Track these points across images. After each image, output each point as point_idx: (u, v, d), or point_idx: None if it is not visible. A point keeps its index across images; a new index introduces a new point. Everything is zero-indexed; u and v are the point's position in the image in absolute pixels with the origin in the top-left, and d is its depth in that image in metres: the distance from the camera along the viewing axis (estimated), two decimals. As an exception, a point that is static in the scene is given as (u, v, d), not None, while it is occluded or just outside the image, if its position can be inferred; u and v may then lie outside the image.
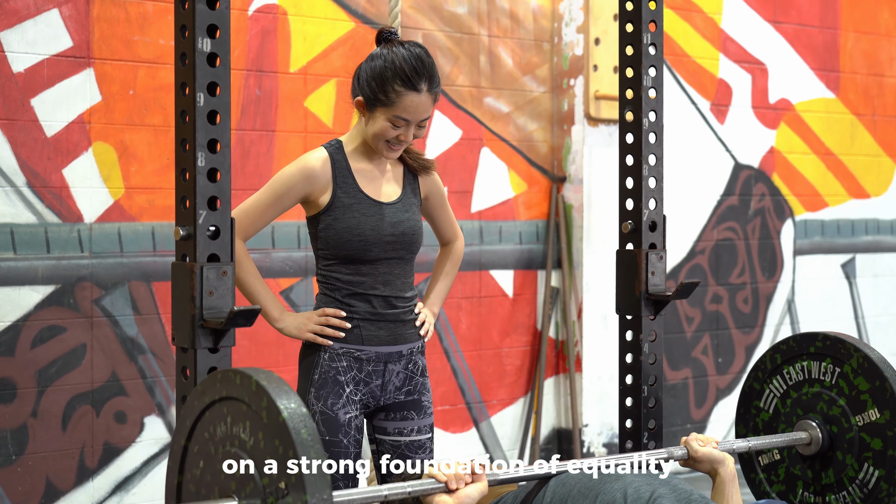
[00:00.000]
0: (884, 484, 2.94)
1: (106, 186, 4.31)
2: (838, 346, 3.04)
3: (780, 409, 3.15)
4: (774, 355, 3.17)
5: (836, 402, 3.04)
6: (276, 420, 2.02)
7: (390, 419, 3.07)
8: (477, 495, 2.47)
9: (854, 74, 6.42)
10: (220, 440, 2.16)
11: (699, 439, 2.88)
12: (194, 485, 2.21)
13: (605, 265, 5.38)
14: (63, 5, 4.21)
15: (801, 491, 3.11)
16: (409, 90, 2.90)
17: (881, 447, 2.95)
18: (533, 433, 5.38)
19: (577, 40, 5.39)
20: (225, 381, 2.15)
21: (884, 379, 2.96)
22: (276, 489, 2.02)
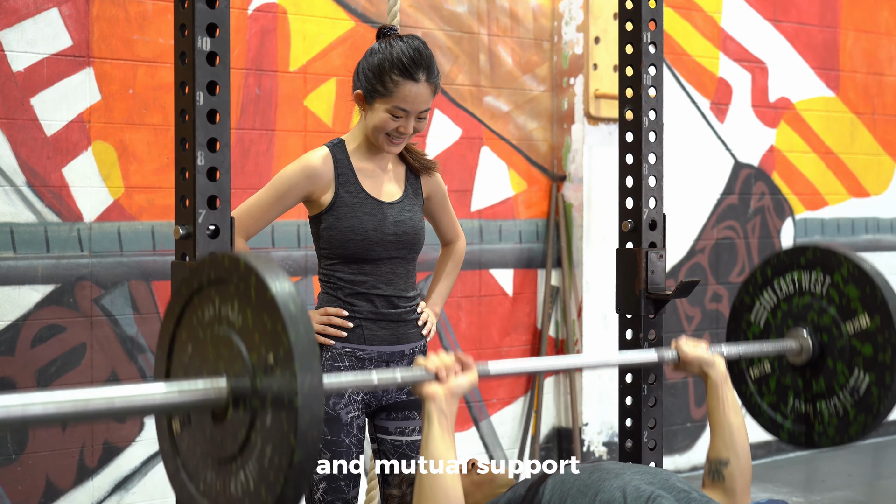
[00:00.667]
0: (874, 388, 2.94)
1: (105, 186, 4.31)
2: (829, 256, 3.04)
3: (771, 322, 3.14)
4: (765, 269, 3.16)
5: (826, 310, 3.04)
6: (264, 296, 2.00)
7: (392, 419, 3.07)
8: (467, 385, 2.47)
9: (854, 73, 6.42)
10: (209, 322, 2.13)
11: (689, 342, 2.90)
12: (183, 369, 2.19)
13: (604, 264, 5.37)
14: (62, 4, 4.20)
15: (791, 401, 3.11)
16: (407, 80, 2.91)
17: (871, 353, 2.96)
18: (533, 432, 5.38)
19: (577, 39, 5.39)
20: (213, 264, 2.13)
21: (874, 285, 2.96)
22: (265, 365, 2.00)
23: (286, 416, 1.96)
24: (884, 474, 6.11)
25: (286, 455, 1.95)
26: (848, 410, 3.00)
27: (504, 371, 2.68)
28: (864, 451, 6.35)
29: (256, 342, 2.03)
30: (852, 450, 6.36)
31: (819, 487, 5.64)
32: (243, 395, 2.05)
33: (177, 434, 2.22)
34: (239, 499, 2.06)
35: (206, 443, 2.14)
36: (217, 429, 2.11)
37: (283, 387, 1.97)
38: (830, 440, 3.03)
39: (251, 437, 2.04)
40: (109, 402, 2.01)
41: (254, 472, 2.03)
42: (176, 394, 2.08)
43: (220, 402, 2.08)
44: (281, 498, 1.98)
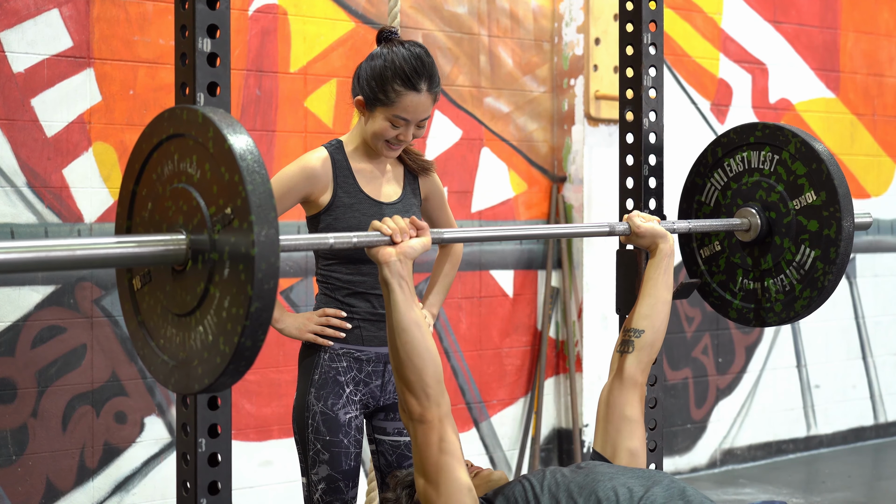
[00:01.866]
0: (819, 263, 2.97)
1: (106, 186, 4.32)
2: (777, 134, 3.07)
3: (721, 202, 3.17)
4: (716, 149, 3.19)
5: (774, 188, 3.07)
6: (221, 148, 2.02)
7: (390, 419, 3.08)
8: (420, 248, 2.49)
9: (854, 74, 6.42)
10: (168, 178, 2.14)
11: (641, 216, 2.93)
12: (143, 226, 2.20)
13: (605, 265, 5.38)
14: (63, 5, 4.21)
15: (740, 279, 3.13)
16: (408, 90, 2.90)
17: (817, 228, 2.99)
18: (533, 433, 5.38)
19: (578, 40, 5.39)
20: (172, 118, 2.14)
21: (820, 161, 3.00)
22: (223, 216, 2.02)
23: (243, 267, 1.98)
24: (884, 475, 6.11)
25: (244, 305, 1.98)
26: (794, 286, 3.03)
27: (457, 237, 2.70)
28: (864, 453, 6.35)
29: (214, 194, 2.04)
30: (853, 451, 6.36)
31: (819, 488, 5.64)
32: (202, 249, 2.07)
33: (137, 291, 2.24)
34: (198, 351, 2.09)
35: (165, 298, 2.16)
36: (176, 284, 2.13)
37: (240, 238, 1.99)
38: (777, 316, 3.07)
39: (210, 290, 2.06)
40: (71, 251, 2.01)
41: (212, 325, 2.06)
42: (135, 245, 2.09)
43: (179, 255, 2.10)
44: (238, 348, 2.01)
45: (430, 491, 2.46)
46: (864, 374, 6.51)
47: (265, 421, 4.64)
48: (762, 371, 6.11)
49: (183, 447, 2.42)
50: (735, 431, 5.99)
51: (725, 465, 5.91)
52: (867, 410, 6.54)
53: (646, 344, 2.84)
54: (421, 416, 2.46)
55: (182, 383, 2.15)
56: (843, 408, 6.43)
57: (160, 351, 2.19)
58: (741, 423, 5.99)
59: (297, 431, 2.98)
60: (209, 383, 2.08)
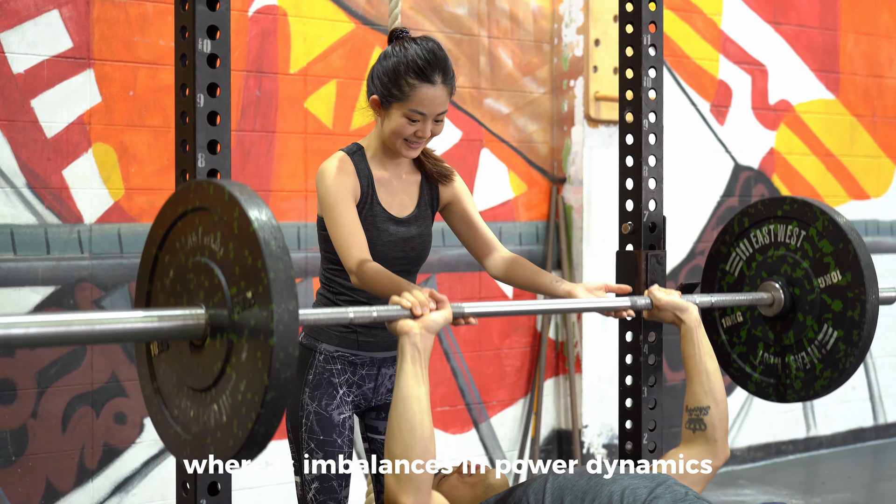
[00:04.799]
0: (842, 344, 2.96)
1: (106, 187, 4.32)
2: (805, 210, 3.06)
3: (746, 272, 3.16)
4: (742, 219, 3.18)
5: (800, 264, 3.06)
6: (246, 230, 2.02)
7: (381, 419, 3.09)
8: (442, 321, 2.49)
9: (854, 76, 6.42)
10: (191, 250, 2.15)
11: (661, 290, 2.93)
12: (164, 294, 2.21)
13: (604, 266, 5.38)
14: (63, 6, 4.21)
15: (761, 352, 3.13)
16: (423, 82, 2.84)
17: (841, 308, 2.97)
18: (533, 434, 5.38)
19: (577, 41, 5.39)
20: (198, 191, 2.14)
21: (847, 241, 2.98)
22: (244, 299, 2.02)
23: (261, 354, 1.99)
24: (884, 476, 6.11)
25: (259, 393, 1.99)
26: (815, 365, 3.02)
27: (478, 311, 2.68)
28: (864, 454, 6.35)
29: (237, 276, 2.05)
30: (852, 452, 6.36)
31: (819, 490, 5.64)
32: (221, 327, 2.08)
33: (154, 357, 2.25)
34: (212, 429, 2.10)
35: (182, 370, 2.17)
36: (194, 357, 2.13)
37: (259, 324, 2.00)
38: (797, 394, 3.06)
39: (226, 370, 2.06)
40: (90, 326, 2.03)
41: (227, 406, 2.06)
42: (156, 320, 2.10)
43: (199, 331, 2.11)
44: (252, 434, 2.01)
45: None
46: (864, 376, 6.51)
47: (265, 422, 4.63)
48: (762, 372, 6.11)
49: (183, 448, 2.42)
50: (735, 432, 5.99)
51: (725, 467, 5.91)
52: (867, 412, 6.54)
53: (715, 418, 2.82)
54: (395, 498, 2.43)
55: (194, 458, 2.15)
56: (843, 409, 6.43)
57: (173, 421, 2.19)
58: (741, 425, 6.00)
59: (291, 430, 2.99)
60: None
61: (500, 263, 3.09)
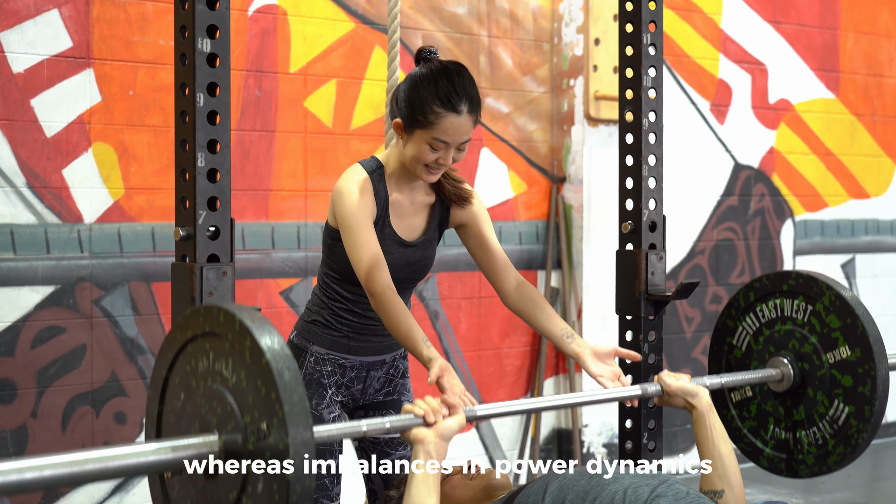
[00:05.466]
0: (853, 420, 2.96)
1: (106, 187, 4.32)
2: (811, 284, 3.06)
3: (753, 347, 3.16)
4: (748, 293, 3.18)
5: (807, 339, 3.05)
6: (259, 361, 2.00)
7: (369, 416, 3.10)
8: (456, 428, 2.49)
9: (854, 75, 6.42)
10: (202, 374, 2.13)
11: (671, 375, 2.91)
12: (175, 416, 2.20)
13: (604, 265, 5.38)
14: (63, 6, 4.21)
15: (772, 427, 3.12)
16: (448, 111, 2.77)
17: (851, 384, 2.97)
18: (533, 433, 5.38)
19: (577, 41, 5.39)
20: (208, 316, 2.13)
21: (855, 316, 2.98)
22: (258, 429, 2.00)
23: (278, 487, 1.97)
24: (883, 476, 6.11)
25: None
26: (827, 440, 3.01)
27: (491, 412, 2.68)
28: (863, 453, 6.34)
29: (250, 405, 2.03)
30: (852, 451, 6.35)
31: (819, 489, 5.64)
32: (235, 455, 2.06)
33: (168, 481, 2.22)
34: None
35: (196, 495, 2.14)
36: (209, 483, 2.11)
37: (275, 455, 1.97)
38: (809, 469, 3.05)
39: (242, 500, 2.04)
40: (104, 464, 2.01)
41: None
42: (169, 451, 2.08)
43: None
44: None
45: None
46: (864, 375, 6.51)
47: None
48: (762, 371, 6.11)
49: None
50: (735, 432, 5.99)
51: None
52: (867, 411, 6.53)
53: (730, 502, 2.81)
54: None
55: None
56: (843, 408, 6.43)
57: None
58: (741, 424, 6.00)
59: None
60: None
61: (513, 295, 3.08)
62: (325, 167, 4.78)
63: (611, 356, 2.94)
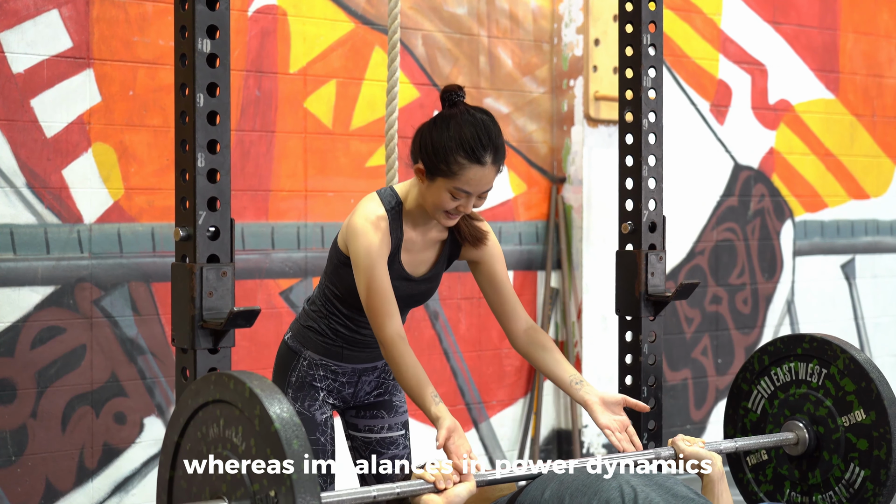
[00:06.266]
0: (869, 484, 2.96)
1: (105, 187, 4.32)
2: (825, 348, 3.06)
3: (768, 410, 3.16)
4: (762, 357, 3.18)
5: (822, 402, 3.06)
6: (268, 429, 2.04)
7: (360, 416, 3.13)
8: (466, 494, 2.50)
9: (853, 75, 6.42)
10: (213, 441, 2.17)
11: (685, 439, 2.90)
12: (185, 481, 2.23)
13: (604, 266, 5.38)
14: (63, 6, 4.21)
15: (788, 491, 3.13)
16: (472, 163, 2.73)
17: (867, 447, 2.97)
18: (532, 434, 5.38)
19: (577, 41, 5.39)
20: (219, 384, 2.17)
21: (869, 380, 2.98)
22: (266, 497, 2.04)
23: None
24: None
25: None
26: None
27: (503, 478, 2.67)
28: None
29: (259, 473, 2.06)
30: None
31: (818, 489, 5.64)
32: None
33: None
34: None
35: None
36: None
37: None
38: None
39: None
40: None
41: None
42: None
43: None
44: None
45: None
46: (864, 375, 6.51)
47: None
48: (761, 372, 6.11)
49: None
50: (734, 432, 5.99)
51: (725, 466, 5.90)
52: (866, 411, 6.54)
53: None
54: None
55: None
56: (843, 409, 6.43)
57: None
58: (740, 424, 6.00)
59: None
60: None
61: (523, 338, 3.03)
62: (324, 167, 4.78)
63: (619, 405, 2.92)
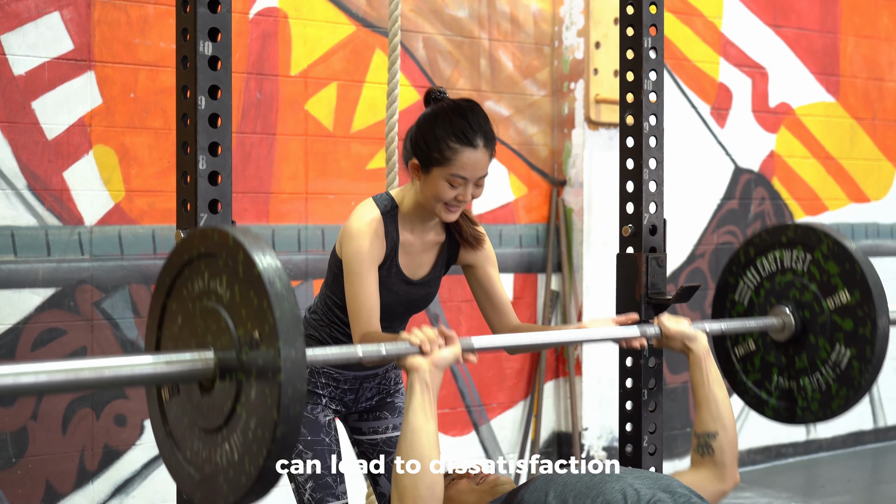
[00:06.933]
0: (855, 362, 2.98)
1: (106, 189, 4.32)
2: (809, 234, 3.08)
3: (755, 301, 3.18)
4: (748, 248, 3.20)
5: (807, 287, 3.08)
6: (251, 272, 2.05)
7: (364, 420, 3.15)
8: (451, 358, 2.51)
9: (854, 78, 6.43)
10: (198, 295, 2.19)
11: (672, 318, 2.95)
12: (172, 340, 2.25)
13: (605, 269, 5.38)
14: (64, 8, 4.21)
15: (776, 378, 3.14)
16: (464, 146, 2.79)
17: (852, 327, 2.99)
18: (533, 437, 5.38)
19: (578, 44, 5.40)
20: (203, 238, 2.18)
21: (853, 261, 3.00)
22: (251, 339, 2.06)
23: (269, 391, 2.02)
24: (883, 479, 6.11)
25: (269, 429, 2.02)
26: (830, 385, 3.04)
27: (488, 345, 2.70)
28: (863, 457, 6.35)
29: (243, 317, 2.08)
30: (852, 455, 6.36)
31: (819, 493, 5.64)
32: (229, 368, 2.11)
33: (166, 402, 2.29)
34: (224, 469, 2.13)
35: (193, 412, 2.20)
36: (204, 399, 2.17)
37: (267, 362, 2.03)
38: (814, 415, 3.08)
39: (237, 409, 2.10)
40: (99, 373, 2.06)
41: (238, 444, 2.10)
42: (164, 365, 2.13)
43: (208, 373, 2.14)
44: (264, 470, 2.06)
45: None
46: (864, 378, 6.51)
47: (265, 424, 4.63)
48: (762, 375, 6.11)
49: (183, 450, 2.42)
50: (735, 435, 5.99)
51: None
52: (867, 415, 6.54)
53: (724, 443, 2.85)
54: None
55: (207, 498, 2.18)
56: (843, 412, 6.43)
57: (186, 463, 2.23)
58: (741, 427, 5.99)
59: None
60: (234, 501, 2.12)
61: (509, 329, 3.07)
62: (325, 170, 4.78)
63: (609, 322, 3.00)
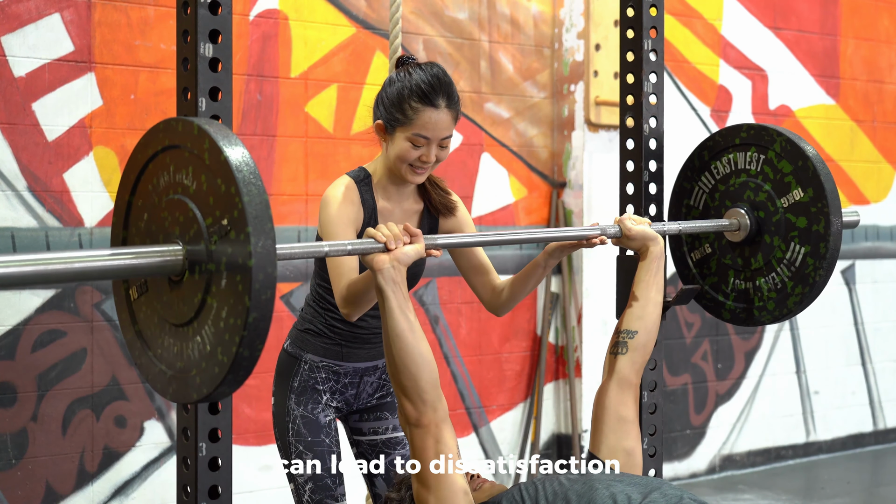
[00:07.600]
0: (810, 259, 3.00)
1: (107, 191, 4.32)
2: (762, 134, 3.09)
3: (710, 204, 3.19)
4: (702, 153, 3.20)
5: (761, 187, 3.09)
6: (217, 160, 2.03)
7: (364, 420, 3.16)
8: (413, 254, 2.52)
9: (854, 81, 6.43)
10: (164, 189, 2.15)
11: (632, 218, 2.95)
12: (139, 237, 2.21)
13: (605, 270, 5.38)
14: (65, 10, 4.21)
15: (732, 280, 3.15)
16: (426, 106, 2.81)
17: (806, 224, 3.01)
18: (532, 438, 5.38)
19: (578, 46, 5.40)
20: (167, 129, 2.14)
21: (805, 158, 3.01)
22: (219, 227, 2.03)
23: (241, 278, 1.99)
24: (883, 481, 6.11)
25: (241, 316, 1.99)
26: (786, 283, 3.05)
27: (451, 242, 2.73)
28: (863, 459, 6.35)
29: (211, 206, 2.05)
30: (852, 457, 6.36)
31: (818, 494, 5.64)
32: (199, 260, 2.08)
33: (134, 301, 2.25)
34: (196, 361, 2.10)
35: (163, 308, 2.17)
36: (174, 294, 2.14)
37: (237, 249, 2.00)
38: (770, 315, 3.09)
39: (207, 300, 2.07)
40: (68, 264, 2.02)
41: (210, 335, 2.07)
42: (132, 257, 2.09)
43: (176, 266, 2.10)
44: (237, 358, 2.02)
45: (425, 494, 2.47)
46: (864, 381, 6.52)
47: (265, 425, 4.64)
48: (761, 377, 6.11)
49: (183, 451, 2.43)
50: (734, 437, 5.99)
51: (724, 471, 5.91)
52: (866, 417, 6.54)
53: (639, 345, 2.88)
54: (417, 421, 2.49)
55: (180, 393, 2.15)
56: (843, 414, 6.43)
57: (157, 360, 2.20)
58: (740, 429, 6.00)
59: (279, 437, 3.05)
60: (208, 393, 2.09)
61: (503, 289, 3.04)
62: (325, 172, 4.79)
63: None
